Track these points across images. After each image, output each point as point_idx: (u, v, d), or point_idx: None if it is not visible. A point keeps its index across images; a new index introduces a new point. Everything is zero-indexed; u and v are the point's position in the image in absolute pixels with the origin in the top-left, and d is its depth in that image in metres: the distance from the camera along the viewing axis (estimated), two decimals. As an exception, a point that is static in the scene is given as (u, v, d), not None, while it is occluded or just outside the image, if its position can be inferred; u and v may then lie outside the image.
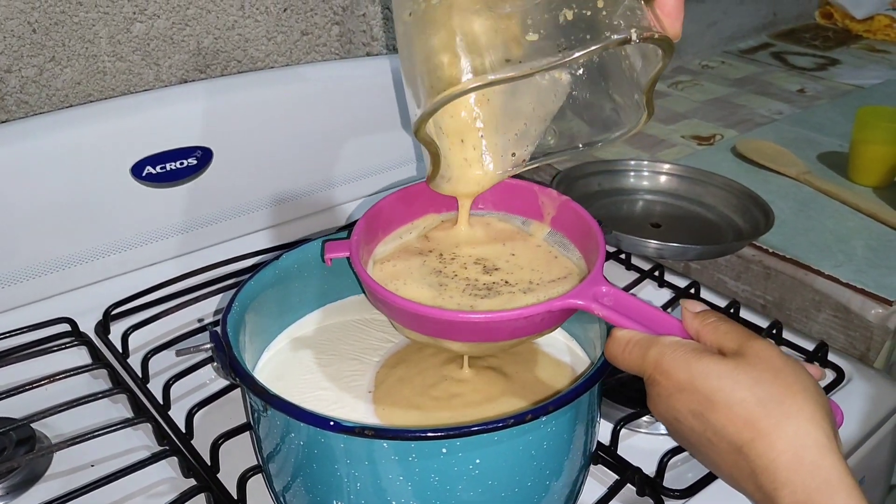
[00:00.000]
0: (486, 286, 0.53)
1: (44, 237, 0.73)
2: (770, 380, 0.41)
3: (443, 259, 0.56)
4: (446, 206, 0.59)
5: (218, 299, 0.77)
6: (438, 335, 0.49)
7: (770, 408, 0.40)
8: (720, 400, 0.41)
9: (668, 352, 0.44)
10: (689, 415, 0.43)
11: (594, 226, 0.54)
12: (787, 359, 0.43)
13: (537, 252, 0.57)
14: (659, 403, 0.45)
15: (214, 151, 0.80)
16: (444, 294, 0.52)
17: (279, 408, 0.45)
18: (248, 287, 0.55)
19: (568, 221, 0.57)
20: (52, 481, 0.59)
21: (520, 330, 0.49)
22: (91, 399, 0.63)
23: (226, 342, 0.49)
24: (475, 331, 0.48)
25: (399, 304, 0.48)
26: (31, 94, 0.79)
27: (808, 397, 0.41)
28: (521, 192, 0.59)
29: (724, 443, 0.42)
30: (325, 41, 0.97)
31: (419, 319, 0.49)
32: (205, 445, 0.59)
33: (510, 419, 0.43)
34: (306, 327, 0.61)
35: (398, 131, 0.94)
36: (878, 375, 0.71)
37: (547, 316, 0.48)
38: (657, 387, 0.45)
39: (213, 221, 0.83)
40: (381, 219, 0.57)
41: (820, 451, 0.39)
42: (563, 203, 0.57)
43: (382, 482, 0.46)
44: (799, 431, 0.40)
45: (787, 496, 0.39)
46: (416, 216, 0.59)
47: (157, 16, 0.83)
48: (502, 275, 0.54)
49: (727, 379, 0.42)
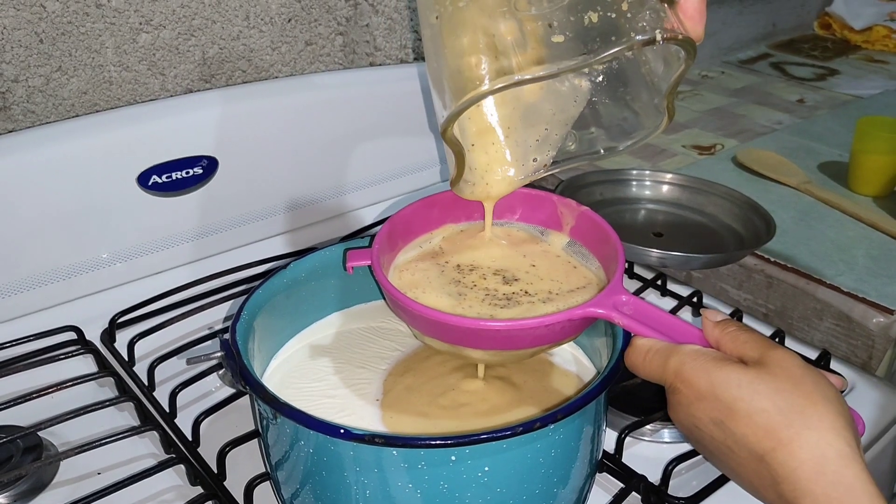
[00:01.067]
0: (505, 296, 0.53)
1: (50, 246, 0.74)
2: (791, 389, 0.41)
3: (461, 270, 0.56)
4: (465, 215, 0.60)
5: (224, 308, 0.77)
6: (459, 343, 0.50)
7: (791, 417, 0.40)
8: (741, 409, 0.42)
9: (688, 360, 0.44)
10: (709, 423, 0.43)
11: (613, 235, 0.54)
12: (808, 368, 0.43)
13: (556, 262, 0.57)
14: (679, 411, 0.45)
15: (220, 160, 0.80)
16: (463, 303, 0.52)
17: (289, 415, 0.46)
18: (257, 295, 0.55)
19: (586, 231, 0.57)
20: (59, 489, 0.59)
21: (540, 338, 0.49)
22: (97, 407, 0.64)
23: (235, 350, 0.50)
24: (496, 339, 0.48)
25: (421, 311, 0.49)
26: (38, 103, 0.79)
27: (830, 407, 0.41)
28: (539, 202, 0.59)
29: (744, 452, 0.42)
30: (328, 51, 0.98)
31: (441, 327, 0.49)
32: (211, 453, 0.59)
33: (519, 427, 0.43)
34: (313, 335, 0.61)
35: (402, 140, 0.94)
36: (881, 384, 0.71)
37: (567, 324, 0.48)
38: (678, 395, 0.45)
39: (219, 230, 0.83)
40: (401, 228, 0.57)
41: (842, 460, 0.39)
42: (581, 213, 0.57)
43: (391, 490, 0.46)
44: (820, 441, 0.40)
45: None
46: (434, 226, 0.60)
47: (163, 26, 0.83)
48: (522, 285, 0.54)
49: (748, 388, 0.42)
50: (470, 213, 0.60)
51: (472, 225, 0.60)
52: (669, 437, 0.64)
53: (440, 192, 0.59)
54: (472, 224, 0.60)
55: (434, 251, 0.58)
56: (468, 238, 0.59)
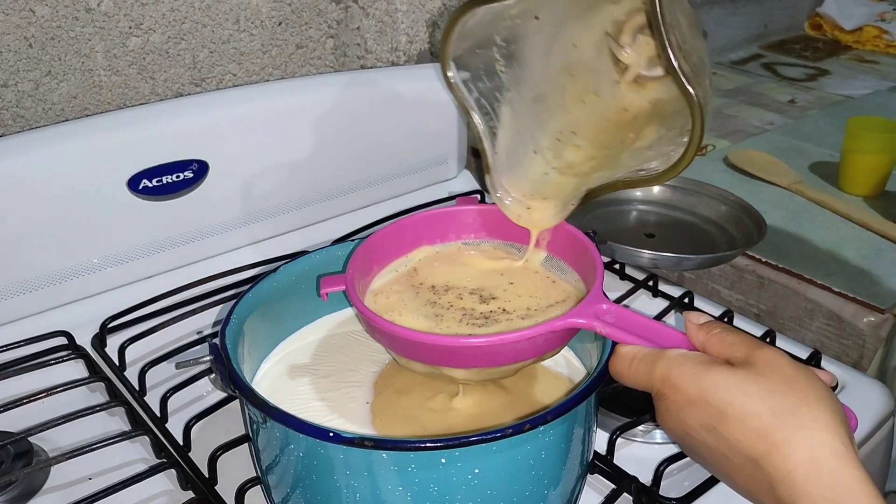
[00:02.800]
0: (483, 315, 0.53)
1: (40, 250, 0.73)
2: (782, 389, 0.40)
3: (436, 291, 0.55)
4: (440, 237, 0.59)
5: (214, 312, 0.77)
6: (440, 363, 0.49)
7: (784, 418, 0.40)
8: (732, 413, 0.41)
9: (675, 365, 0.43)
10: (700, 429, 0.42)
11: (590, 246, 0.54)
12: (797, 366, 0.42)
13: (535, 279, 0.57)
14: (669, 418, 0.44)
15: (210, 164, 0.80)
16: (440, 324, 0.52)
17: (278, 419, 0.45)
18: (247, 299, 0.55)
19: (562, 244, 0.57)
20: (50, 495, 0.59)
21: (522, 353, 0.48)
22: (88, 412, 0.63)
23: (225, 354, 0.50)
24: (477, 356, 0.48)
25: (399, 333, 0.48)
26: (28, 108, 0.79)
27: (823, 406, 0.40)
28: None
29: (738, 457, 0.41)
30: (319, 54, 0.98)
31: (420, 348, 0.48)
32: (203, 458, 0.59)
33: (509, 429, 0.43)
34: (305, 339, 0.61)
35: (393, 143, 0.94)
36: (871, 383, 0.71)
37: (550, 337, 0.48)
38: (666, 401, 0.44)
39: (210, 234, 0.83)
40: (375, 252, 0.57)
41: (838, 460, 0.39)
42: (557, 226, 0.57)
43: (382, 493, 0.46)
44: (815, 441, 0.39)
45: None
46: (409, 249, 0.59)
47: (153, 30, 0.83)
48: (499, 303, 0.54)
49: (738, 391, 0.41)
50: (445, 234, 0.59)
51: (447, 246, 0.59)
52: (661, 438, 0.64)
53: (413, 214, 0.59)
54: (447, 245, 0.60)
55: (409, 274, 0.58)
56: (444, 259, 0.58)
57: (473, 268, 0.58)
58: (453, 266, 0.58)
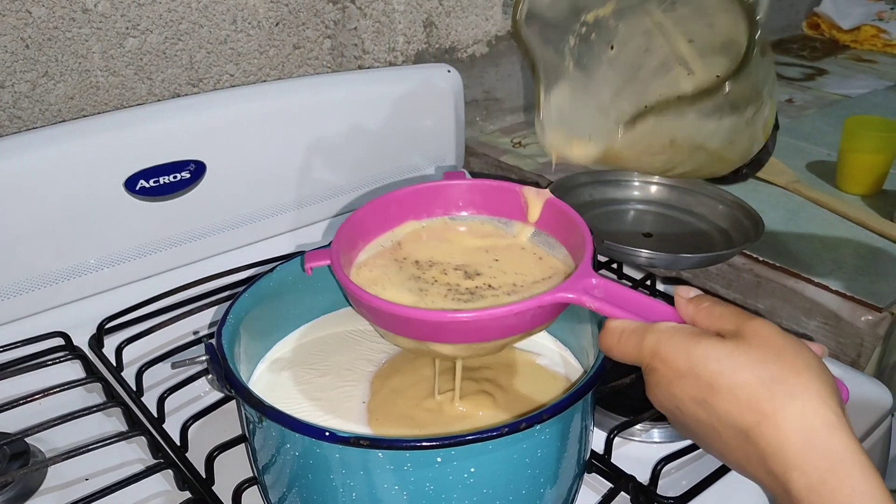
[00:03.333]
0: (468, 290, 0.52)
1: (37, 251, 0.73)
2: (772, 360, 0.40)
3: (420, 266, 0.54)
4: (426, 212, 0.58)
5: (212, 312, 0.77)
6: (426, 338, 0.48)
7: (774, 389, 0.39)
8: (722, 384, 0.40)
9: (664, 338, 0.42)
10: (690, 402, 0.42)
11: (579, 221, 0.53)
12: (788, 337, 0.41)
13: (521, 255, 0.55)
14: (658, 392, 0.44)
15: (207, 165, 0.80)
16: (425, 299, 0.51)
17: (274, 419, 0.45)
18: (244, 299, 0.55)
19: (552, 219, 0.56)
20: (47, 495, 0.59)
21: (510, 328, 0.47)
22: (85, 413, 0.63)
23: (221, 354, 0.50)
24: (464, 331, 0.47)
25: (385, 307, 0.47)
26: (25, 109, 0.79)
27: (813, 375, 0.39)
28: (502, 193, 0.58)
29: (729, 429, 0.40)
30: (316, 55, 0.98)
31: (406, 322, 0.47)
32: (199, 458, 0.59)
33: (505, 427, 0.43)
34: (301, 339, 0.61)
35: (390, 143, 0.94)
36: (869, 381, 0.71)
37: (538, 311, 0.47)
38: (656, 374, 0.43)
39: (207, 234, 0.83)
40: (360, 227, 0.56)
41: (830, 430, 0.38)
42: (546, 201, 0.56)
43: (378, 492, 0.46)
44: (806, 411, 0.38)
45: (798, 478, 0.38)
46: (395, 224, 0.58)
47: (150, 31, 0.83)
48: (485, 279, 0.53)
49: (728, 361, 0.40)
50: (431, 209, 0.58)
51: (433, 221, 0.58)
52: (659, 437, 0.64)
53: (400, 189, 0.57)
54: (433, 220, 0.58)
55: (393, 248, 0.57)
56: (429, 234, 0.57)
57: (459, 244, 0.57)
58: (439, 242, 0.57)
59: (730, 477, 0.59)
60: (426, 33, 1.06)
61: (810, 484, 0.38)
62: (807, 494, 0.38)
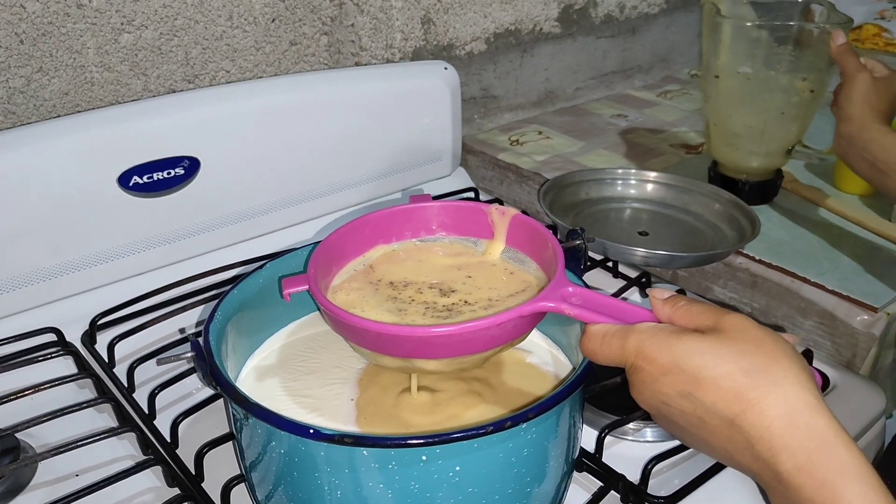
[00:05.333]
0: (445, 307, 0.53)
1: (30, 247, 0.73)
2: (752, 350, 0.42)
3: (395, 286, 0.55)
4: (395, 235, 0.59)
5: (204, 309, 0.77)
6: (412, 355, 0.48)
7: (756, 377, 0.41)
8: (706, 376, 0.42)
9: (646, 337, 0.44)
10: (677, 396, 0.43)
11: (546, 234, 0.54)
12: (763, 328, 0.43)
13: (493, 271, 0.57)
14: (644, 390, 0.45)
15: (202, 161, 0.80)
16: (405, 318, 0.52)
17: (260, 416, 0.45)
18: (232, 296, 0.55)
19: (520, 236, 0.57)
20: (37, 491, 0.59)
21: (493, 340, 0.48)
22: (76, 409, 0.63)
23: (207, 351, 0.49)
24: (449, 345, 0.47)
25: (370, 327, 0.47)
26: (19, 104, 0.79)
27: (791, 362, 0.41)
28: (470, 213, 0.59)
29: (715, 419, 0.42)
30: (313, 51, 0.98)
31: (392, 340, 0.48)
32: (189, 455, 0.59)
33: (490, 426, 0.43)
34: (290, 336, 0.61)
35: (387, 140, 0.94)
36: (864, 382, 0.71)
37: (519, 322, 0.48)
38: (641, 373, 0.44)
39: (201, 231, 0.83)
40: (333, 252, 0.57)
41: (812, 412, 0.40)
42: (512, 218, 0.57)
43: (363, 490, 0.46)
44: (788, 396, 0.40)
45: (786, 460, 0.39)
46: (366, 248, 0.59)
47: (145, 26, 0.83)
48: (460, 295, 0.54)
49: (710, 354, 0.42)
50: (401, 232, 0.59)
51: (403, 244, 0.59)
52: (650, 436, 0.64)
53: (371, 213, 0.58)
54: (403, 243, 0.59)
55: (366, 271, 0.58)
56: (400, 256, 0.58)
57: (430, 264, 0.58)
58: (410, 263, 0.58)
59: (720, 476, 0.59)
60: (424, 30, 1.06)
61: (798, 464, 0.39)
62: (797, 475, 0.39)
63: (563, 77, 1.29)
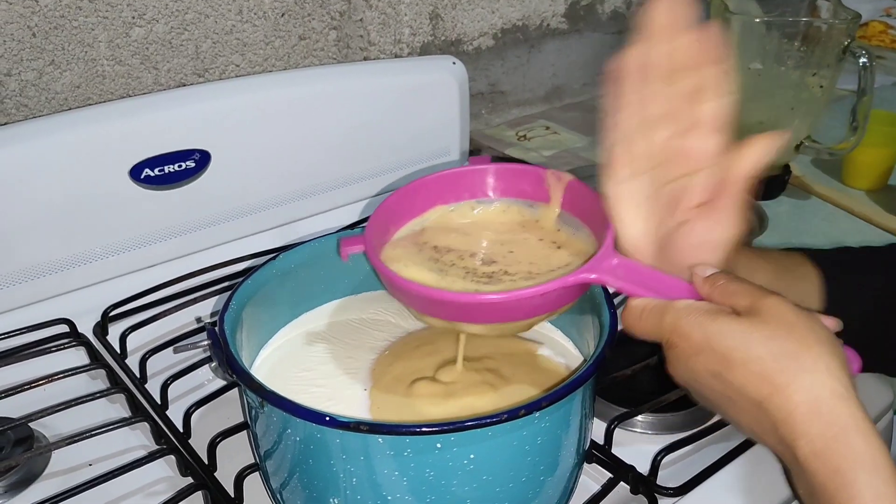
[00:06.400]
0: (486, 275, 0.53)
1: (43, 239, 0.74)
2: (784, 335, 0.42)
3: (438, 250, 0.56)
4: (454, 196, 0.60)
5: (215, 301, 0.77)
6: (456, 319, 0.50)
7: (785, 363, 0.41)
8: (737, 358, 0.42)
9: (682, 315, 0.45)
10: (708, 375, 0.44)
11: (600, 203, 0.53)
12: (800, 312, 0.43)
13: (536, 247, 0.57)
14: (678, 366, 0.46)
15: (212, 154, 0.80)
16: (445, 279, 0.53)
17: (276, 404, 0.46)
18: (246, 285, 0.56)
19: (575, 201, 0.57)
20: (51, 480, 0.60)
21: (536, 308, 0.49)
22: (89, 399, 0.64)
23: (223, 339, 0.50)
24: (493, 312, 0.48)
25: (419, 291, 0.49)
26: (31, 97, 0.79)
27: (823, 350, 0.41)
28: (527, 176, 0.59)
29: (743, 400, 0.43)
30: (322, 46, 0.98)
31: (438, 304, 0.49)
32: (202, 444, 0.59)
33: (504, 414, 0.43)
34: (303, 326, 0.62)
35: (395, 135, 0.94)
36: (872, 375, 0.71)
37: (562, 293, 0.49)
38: (675, 350, 0.45)
39: (211, 224, 0.83)
40: (391, 214, 0.57)
41: (836, 400, 0.40)
42: (568, 184, 0.57)
43: (378, 477, 0.46)
44: (815, 383, 0.40)
45: (804, 445, 0.40)
46: (424, 209, 0.59)
47: (156, 20, 0.83)
48: (501, 266, 0.55)
49: (742, 337, 0.42)
50: (459, 193, 0.59)
51: (461, 205, 0.60)
52: (659, 428, 0.64)
53: (427, 175, 0.58)
54: (461, 204, 0.60)
55: (416, 234, 0.58)
56: (455, 220, 0.59)
57: (477, 237, 0.58)
58: (458, 235, 0.58)
59: (730, 468, 0.59)
60: (432, 25, 1.06)
61: (816, 450, 0.40)
62: (813, 460, 0.40)
63: (571, 73, 1.30)
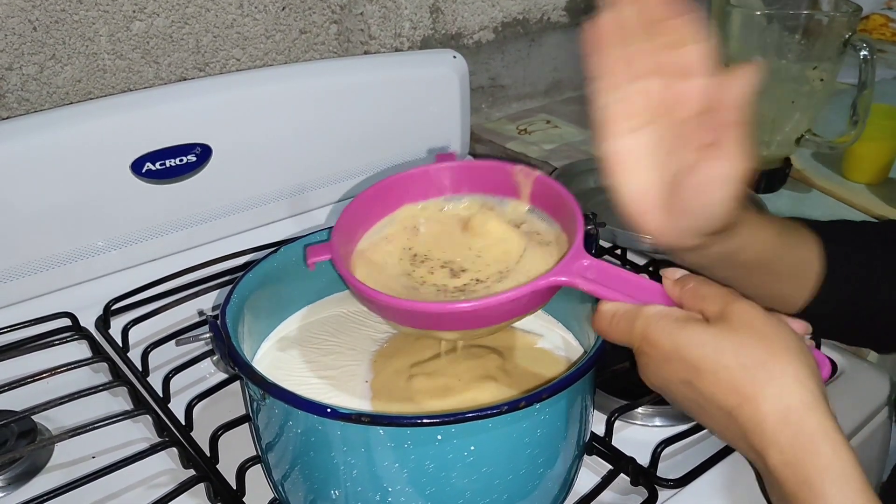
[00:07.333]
0: (456, 289, 0.53)
1: (45, 233, 0.74)
2: (753, 343, 0.42)
3: (415, 261, 0.56)
4: (421, 195, 0.59)
5: (217, 294, 0.77)
6: (428, 328, 0.50)
7: (753, 372, 0.41)
8: (706, 368, 0.42)
9: (652, 322, 0.44)
10: (678, 382, 0.44)
11: (570, 200, 0.54)
12: (769, 319, 0.43)
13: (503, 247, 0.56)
14: (649, 373, 0.46)
15: (213, 148, 0.80)
16: (420, 290, 0.53)
17: (277, 396, 0.46)
18: (248, 279, 0.56)
19: (545, 197, 0.57)
20: (54, 472, 0.60)
21: (508, 313, 0.49)
22: (92, 392, 0.64)
23: (224, 332, 0.50)
24: (465, 319, 0.48)
25: (388, 302, 0.48)
26: (32, 91, 0.79)
27: (792, 358, 0.42)
28: (495, 172, 0.59)
29: (713, 408, 0.43)
30: (323, 39, 0.98)
31: (408, 315, 0.49)
32: (204, 437, 0.59)
33: (504, 406, 0.44)
34: (305, 319, 0.62)
35: (396, 128, 0.94)
36: (871, 368, 0.71)
37: (532, 297, 0.48)
38: (645, 357, 0.45)
39: (213, 218, 0.84)
40: (358, 216, 0.57)
41: (805, 409, 0.40)
42: (535, 179, 0.57)
43: (378, 469, 0.46)
44: (783, 393, 0.41)
45: (775, 455, 0.41)
46: (393, 208, 0.59)
47: (157, 14, 0.83)
48: (470, 275, 0.54)
49: (710, 347, 0.42)
50: (427, 191, 0.59)
51: (431, 202, 0.59)
52: (660, 420, 0.64)
53: (395, 174, 0.58)
54: (430, 201, 0.59)
55: (398, 235, 0.58)
56: (423, 217, 0.59)
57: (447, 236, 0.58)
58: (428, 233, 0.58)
59: (729, 460, 0.60)
60: (432, 19, 1.06)
61: (785, 460, 0.40)
62: (782, 469, 0.41)
63: (571, 66, 1.29)
